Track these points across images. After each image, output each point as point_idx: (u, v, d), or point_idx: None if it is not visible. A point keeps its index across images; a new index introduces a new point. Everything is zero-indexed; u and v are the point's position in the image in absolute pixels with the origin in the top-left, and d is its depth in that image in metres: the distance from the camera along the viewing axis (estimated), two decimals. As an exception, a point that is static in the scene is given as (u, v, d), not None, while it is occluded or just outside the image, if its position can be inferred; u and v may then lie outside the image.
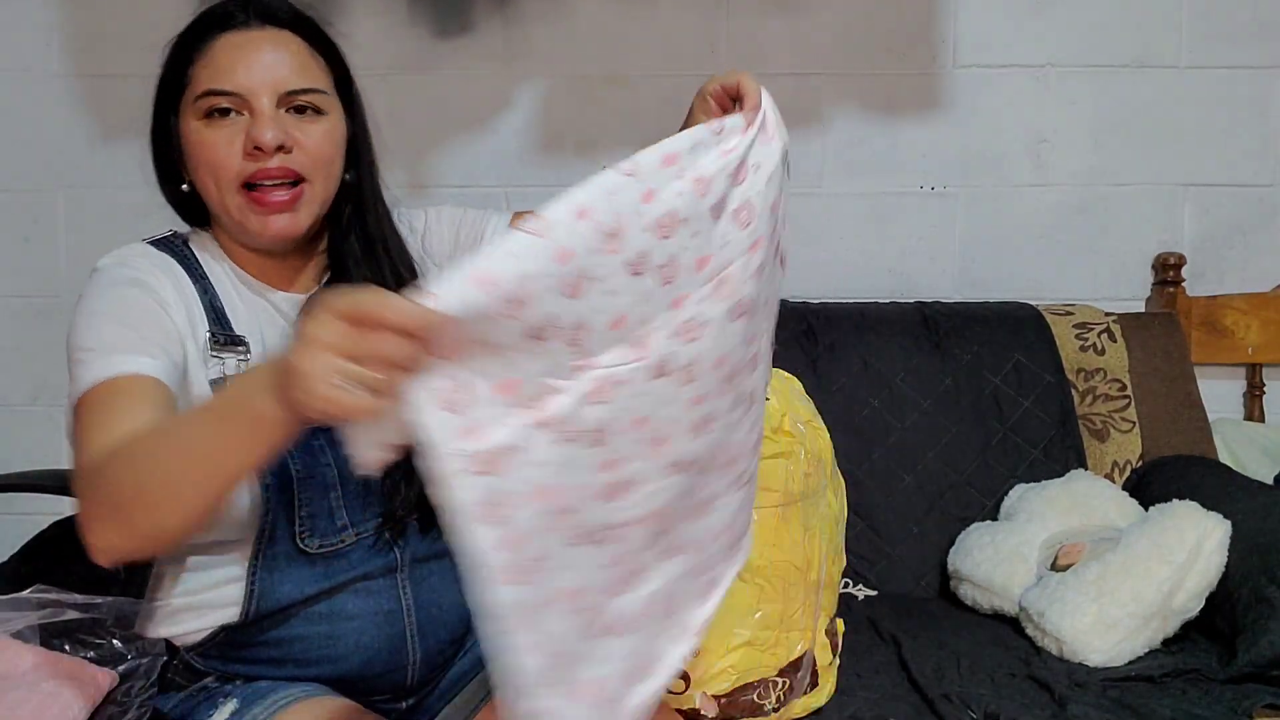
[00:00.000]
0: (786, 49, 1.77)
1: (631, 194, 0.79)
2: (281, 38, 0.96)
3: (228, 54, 0.94)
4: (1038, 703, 1.12)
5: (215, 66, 0.94)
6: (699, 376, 0.84)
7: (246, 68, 0.93)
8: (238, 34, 0.95)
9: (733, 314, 0.86)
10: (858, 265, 1.82)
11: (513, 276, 0.71)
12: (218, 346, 0.93)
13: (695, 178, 0.83)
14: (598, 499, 0.79)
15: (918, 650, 1.26)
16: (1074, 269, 1.82)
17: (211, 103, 0.93)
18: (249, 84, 0.93)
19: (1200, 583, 1.22)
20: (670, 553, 0.86)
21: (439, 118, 1.80)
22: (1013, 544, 1.38)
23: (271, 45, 0.95)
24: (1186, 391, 1.64)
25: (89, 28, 1.77)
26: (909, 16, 1.77)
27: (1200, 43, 1.78)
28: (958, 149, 1.80)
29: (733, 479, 0.92)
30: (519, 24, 1.78)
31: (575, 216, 0.75)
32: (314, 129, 0.96)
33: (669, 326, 0.82)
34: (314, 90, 0.96)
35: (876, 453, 1.56)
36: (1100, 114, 1.79)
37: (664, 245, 0.80)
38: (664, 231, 0.80)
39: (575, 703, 0.76)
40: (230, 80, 0.93)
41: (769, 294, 0.93)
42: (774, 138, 0.89)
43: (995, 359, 1.60)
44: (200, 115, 0.94)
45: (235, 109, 0.93)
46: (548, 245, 0.74)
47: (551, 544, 0.76)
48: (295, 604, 0.91)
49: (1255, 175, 1.80)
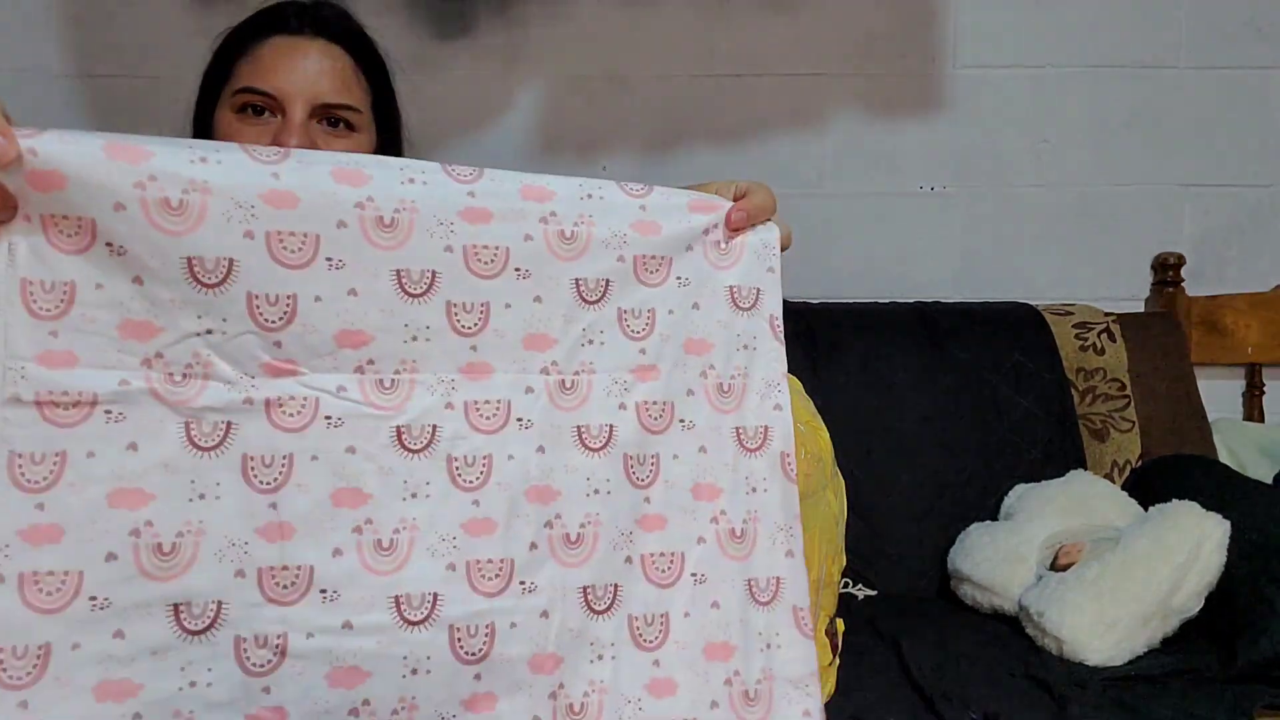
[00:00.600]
0: (786, 49, 1.77)
1: (451, 195, 0.65)
2: (329, 50, 0.98)
3: (273, 55, 0.95)
4: (1038, 702, 1.12)
5: (258, 65, 0.95)
6: (486, 489, 0.65)
7: (288, 72, 0.94)
8: (288, 39, 0.96)
9: (580, 441, 0.68)
10: (858, 265, 1.82)
11: (179, 161, 0.57)
12: None
13: (562, 230, 0.68)
14: (160, 557, 0.57)
15: (917, 650, 1.26)
16: (1074, 269, 1.82)
17: (247, 99, 0.94)
18: (286, 88, 0.94)
19: (1200, 582, 1.22)
20: None
21: (439, 119, 1.80)
22: (1012, 544, 1.38)
23: (317, 55, 0.96)
24: (1186, 391, 1.64)
25: (89, 28, 1.77)
26: (909, 17, 1.77)
27: (1200, 43, 1.78)
28: (958, 149, 1.80)
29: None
30: (519, 25, 1.78)
31: (333, 173, 0.61)
32: (341, 144, 0.97)
33: (453, 394, 0.64)
34: (348, 107, 0.97)
35: (876, 453, 1.56)
36: (1100, 114, 1.79)
37: (473, 283, 0.64)
38: (479, 265, 0.65)
39: None
40: (269, 81, 0.94)
41: (688, 459, 0.71)
42: (731, 266, 0.73)
43: (995, 359, 1.60)
44: (235, 109, 0.95)
45: (269, 110, 0.94)
46: (262, 170, 0.59)
47: (100, 577, 0.56)
48: None
49: (1255, 175, 1.80)
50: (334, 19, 1.00)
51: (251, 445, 0.59)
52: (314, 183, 0.60)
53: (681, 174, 1.80)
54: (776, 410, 0.76)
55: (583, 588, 0.68)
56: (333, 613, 0.60)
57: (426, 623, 0.62)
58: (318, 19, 0.98)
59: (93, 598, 0.55)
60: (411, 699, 0.61)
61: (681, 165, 1.80)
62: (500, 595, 0.65)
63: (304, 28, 0.97)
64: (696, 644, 0.71)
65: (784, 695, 0.75)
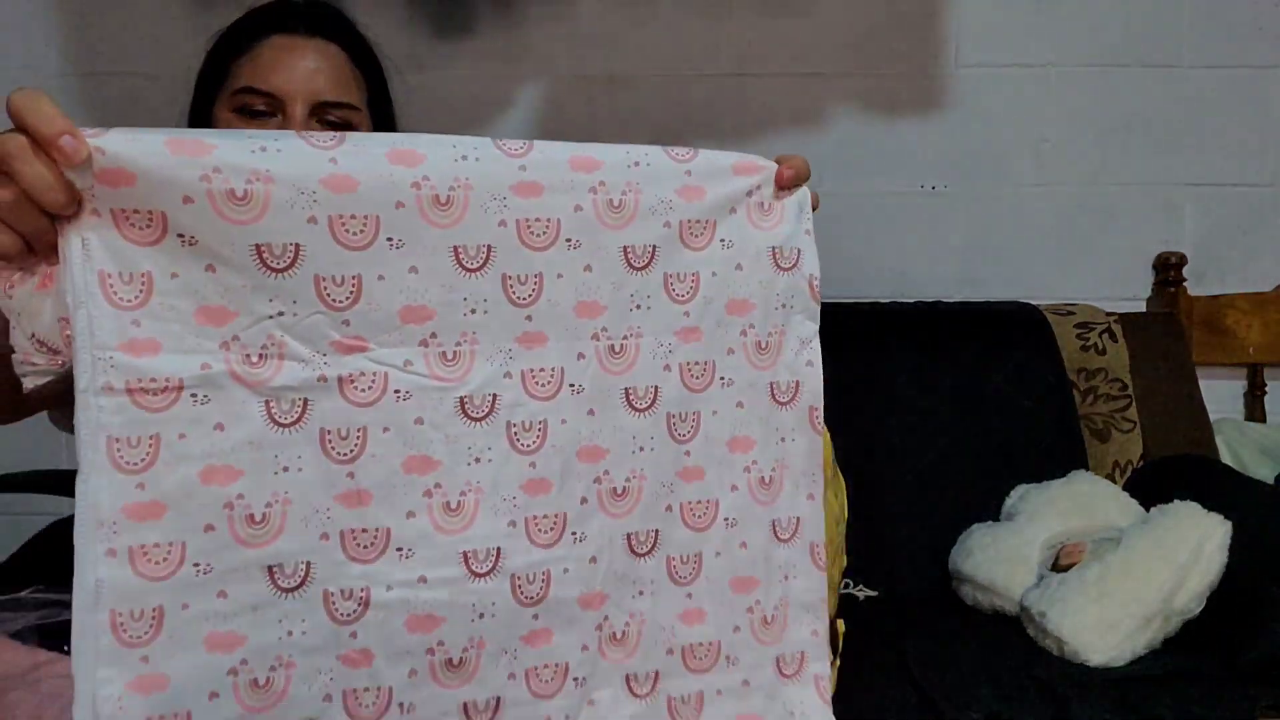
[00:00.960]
0: (786, 49, 1.77)
1: (503, 171, 0.66)
2: (327, 50, 0.98)
3: (272, 55, 0.96)
4: (1039, 703, 1.11)
5: (257, 65, 0.95)
6: (542, 452, 0.69)
7: (287, 71, 0.95)
8: (286, 38, 0.97)
9: (627, 403, 0.72)
10: (858, 265, 1.82)
11: (240, 152, 0.59)
12: None
13: (611, 200, 0.70)
14: (252, 527, 0.62)
15: (919, 650, 1.25)
16: (1074, 269, 1.82)
17: (247, 100, 0.95)
18: (286, 88, 0.94)
19: (1201, 583, 1.22)
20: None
21: (439, 118, 1.80)
22: (1013, 544, 1.38)
23: (315, 55, 0.97)
24: (1187, 391, 1.63)
25: (88, 27, 1.77)
26: (910, 16, 1.77)
27: (1200, 43, 1.78)
28: (958, 149, 1.80)
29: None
30: (519, 25, 1.78)
31: (388, 155, 0.62)
32: None
33: (511, 363, 0.68)
34: (347, 105, 0.98)
35: (876, 453, 1.56)
36: (1101, 114, 1.79)
37: (527, 255, 0.67)
38: (532, 238, 0.67)
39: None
40: (268, 82, 0.94)
41: (726, 414, 0.76)
42: (774, 227, 0.78)
43: (995, 359, 1.60)
44: (234, 108, 0.95)
45: (269, 110, 0.94)
46: (320, 156, 0.61)
47: (200, 546, 0.60)
48: None
49: (1256, 175, 1.80)
50: (329, 17, 1.01)
51: (328, 420, 0.64)
52: (371, 165, 0.63)
53: (682, 174, 1.80)
54: (809, 366, 0.84)
55: (627, 535, 0.74)
56: (409, 568, 0.67)
57: (491, 574, 0.69)
58: (313, 18, 0.99)
59: (195, 564, 0.61)
60: (479, 639, 0.69)
61: (682, 165, 1.80)
62: (555, 546, 0.71)
63: (300, 26, 0.98)
64: (724, 578, 0.78)
65: (796, 618, 0.83)
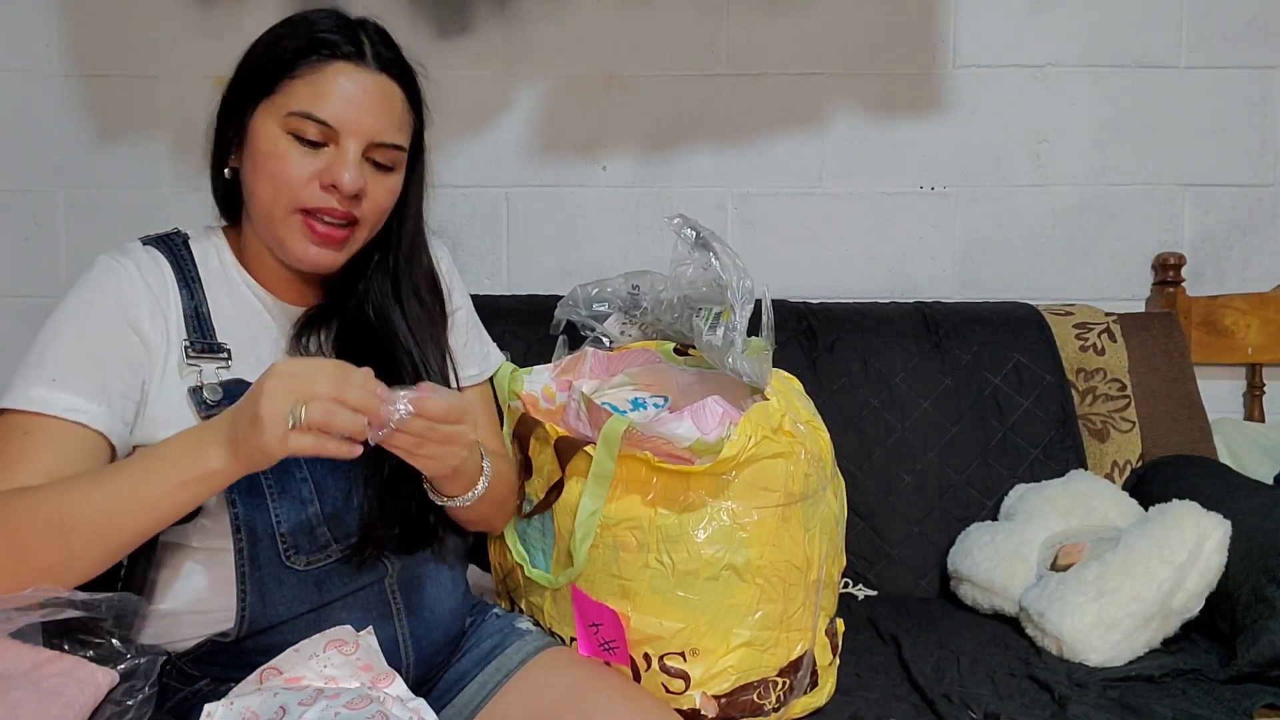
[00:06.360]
0: (786, 49, 1.77)
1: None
2: (389, 89, 0.97)
3: (337, 86, 0.94)
4: (1038, 703, 1.12)
5: (319, 93, 0.93)
6: None
7: (349, 105, 0.93)
8: (352, 68, 0.94)
9: None
10: (858, 265, 1.82)
11: None
12: (195, 354, 0.93)
13: None
14: None
15: (918, 650, 1.26)
16: (1074, 269, 1.82)
17: (303, 126, 0.92)
18: (348, 124, 0.93)
19: (1200, 583, 1.22)
20: None
21: (439, 118, 1.78)
22: (1013, 544, 1.38)
23: (378, 94, 0.96)
24: (1186, 391, 1.63)
25: (89, 28, 1.77)
26: (909, 16, 1.77)
27: (1200, 43, 1.78)
28: (958, 149, 1.80)
29: None
30: (519, 24, 1.78)
31: None
32: (383, 182, 0.98)
33: None
34: (396, 147, 0.98)
35: (876, 453, 1.56)
36: (1100, 114, 1.80)
37: None
38: None
39: None
40: (331, 114, 0.93)
41: None
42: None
43: (995, 359, 1.60)
44: (287, 130, 0.93)
45: (324, 140, 0.93)
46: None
47: None
48: (285, 621, 0.92)
49: (1255, 175, 1.80)
50: (393, 51, 0.99)
51: None
52: None
53: (681, 173, 1.81)
54: None
55: None
56: None
57: None
58: (380, 52, 0.97)
59: None
60: None
61: (681, 165, 1.80)
62: None
63: (368, 59, 0.95)
64: None
65: None
